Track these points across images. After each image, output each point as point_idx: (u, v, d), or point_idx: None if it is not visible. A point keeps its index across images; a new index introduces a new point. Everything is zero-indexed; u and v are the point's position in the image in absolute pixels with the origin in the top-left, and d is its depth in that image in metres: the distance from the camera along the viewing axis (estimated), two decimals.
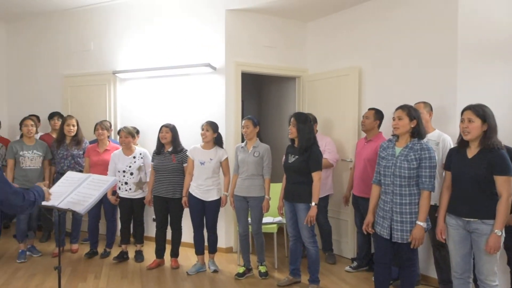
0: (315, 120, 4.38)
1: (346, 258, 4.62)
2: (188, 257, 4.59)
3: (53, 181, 4.53)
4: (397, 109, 2.99)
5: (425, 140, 2.98)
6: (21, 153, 4.38)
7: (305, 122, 3.58)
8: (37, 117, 5.54)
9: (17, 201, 1.90)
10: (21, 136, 4.61)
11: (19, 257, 4.42)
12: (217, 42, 4.81)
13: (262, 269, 4.05)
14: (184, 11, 5.00)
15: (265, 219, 4.25)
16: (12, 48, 6.40)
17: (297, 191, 3.60)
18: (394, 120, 2.97)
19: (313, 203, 3.50)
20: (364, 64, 4.54)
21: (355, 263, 4.26)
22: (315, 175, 3.52)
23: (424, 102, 3.59)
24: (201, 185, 4.01)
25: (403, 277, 3.05)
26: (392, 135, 3.06)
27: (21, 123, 4.55)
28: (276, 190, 4.07)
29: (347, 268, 4.25)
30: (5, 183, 1.89)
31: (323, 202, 4.34)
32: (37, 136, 4.96)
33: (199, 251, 4.19)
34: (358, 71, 4.55)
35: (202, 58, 4.83)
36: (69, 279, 3.94)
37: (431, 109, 3.59)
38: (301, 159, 3.56)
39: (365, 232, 3.20)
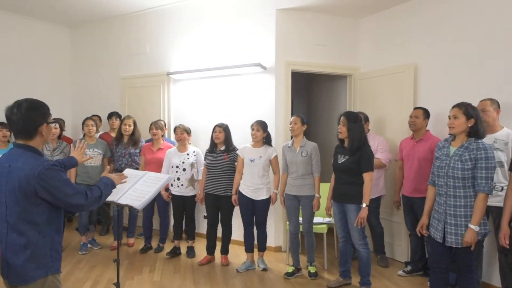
0: (366, 119, 4.29)
1: (399, 261, 4.47)
2: (237, 255, 4.66)
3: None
4: (453, 107, 2.83)
5: (491, 139, 2.80)
6: None
7: (356, 121, 3.51)
8: (99, 117, 5.88)
9: (80, 201, 1.93)
10: (84, 135, 4.89)
11: (81, 249, 4.71)
12: (268, 42, 4.83)
13: (312, 269, 4.02)
14: (234, 12, 5.08)
15: (315, 219, 4.21)
16: (75, 53, 6.86)
17: (347, 191, 3.54)
18: (449, 119, 2.82)
19: (364, 204, 3.42)
20: (420, 61, 4.36)
21: (408, 267, 4.11)
22: (366, 176, 3.44)
23: (491, 99, 3.36)
24: (251, 183, 4.06)
25: (461, 284, 2.89)
26: (449, 135, 2.92)
27: (83, 123, 4.85)
28: (325, 190, 4.02)
29: (400, 272, 4.11)
30: (67, 185, 1.90)
31: (375, 203, 4.23)
32: (97, 135, 5.25)
33: (249, 249, 4.24)
34: (414, 68, 4.37)
35: (253, 58, 4.88)
36: (126, 271, 4.14)
37: (499, 106, 3.35)
38: (352, 159, 3.49)
39: (419, 234, 3.08)
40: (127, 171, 3.06)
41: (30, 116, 1.90)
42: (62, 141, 4.81)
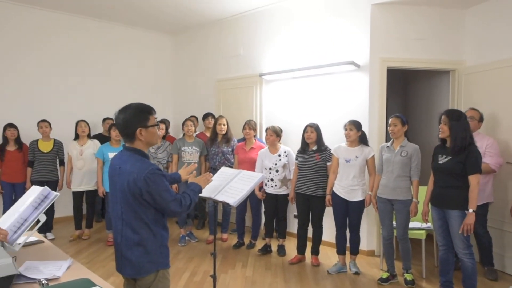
0: (481, 118, 3.94)
1: (510, 275, 4.01)
2: (328, 256, 4.60)
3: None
4: None
5: None
6: (182, 149, 4.99)
7: (459, 120, 3.22)
8: (196, 118, 6.25)
9: (175, 207, 2.04)
10: (183, 134, 5.23)
11: (180, 241, 5.05)
12: (361, 39, 4.68)
13: (408, 277, 3.80)
14: (326, 10, 5.02)
15: (412, 224, 3.98)
16: (176, 58, 7.41)
17: (449, 196, 3.26)
18: None
19: (470, 210, 3.13)
20: None
21: None
22: (473, 179, 3.14)
23: None
24: (346, 184, 3.97)
25: None
26: None
27: (183, 123, 5.19)
28: (422, 194, 3.76)
29: None
30: (167, 191, 2.01)
31: (481, 210, 3.83)
32: (194, 135, 5.57)
33: (341, 251, 4.16)
34: None
35: (345, 56, 4.77)
36: (221, 264, 4.34)
37: None
38: (456, 160, 3.21)
39: None
40: (223, 169, 3.20)
41: (127, 120, 2.02)
42: (166, 140, 5.21)
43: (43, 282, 1.67)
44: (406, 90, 6.69)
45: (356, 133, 3.96)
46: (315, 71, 5.04)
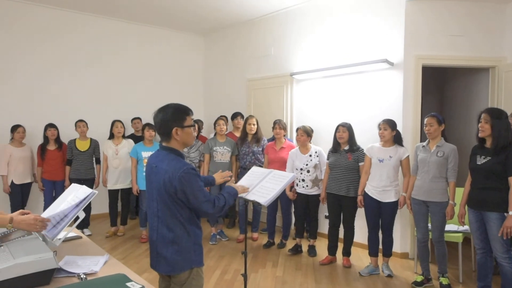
0: None
1: None
2: (360, 258, 4.53)
3: (238, 175, 5.08)
4: None
5: None
6: (214, 148, 5.05)
7: (500, 118, 3.09)
8: (226, 118, 6.29)
9: (208, 208, 2.06)
10: (215, 134, 5.29)
11: (211, 239, 5.11)
12: (395, 36, 4.58)
13: (444, 281, 3.68)
14: (358, 7, 4.93)
15: (448, 227, 3.85)
16: (207, 58, 7.51)
17: (488, 197, 3.14)
18: None
19: (510, 212, 3.00)
20: None
21: None
22: None
23: None
24: (378, 185, 3.90)
25: None
26: None
27: (215, 123, 5.24)
28: (458, 195, 3.63)
29: None
30: (200, 192, 2.02)
31: None
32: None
33: (373, 252, 4.08)
34: None
35: (378, 54, 4.68)
36: (251, 264, 4.36)
37: None
38: (495, 160, 3.08)
39: None
40: (254, 169, 3.21)
41: (165, 119, 2.06)
42: (198, 140, 5.30)
43: (81, 276, 1.73)
44: (442, 88, 6.49)
45: (391, 133, 3.88)
46: (347, 69, 4.97)
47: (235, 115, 5.97)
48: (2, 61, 5.61)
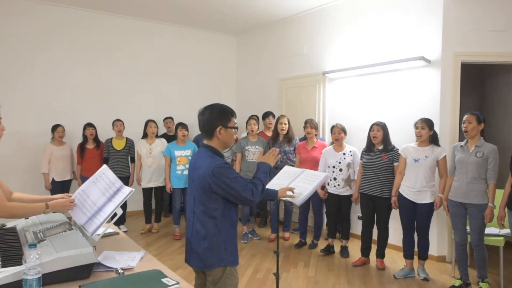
0: None
1: None
2: (394, 260, 4.43)
3: (269, 174, 5.07)
4: None
5: None
6: (246, 148, 5.07)
7: None
8: (257, 117, 6.30)
9: (248, 195, 2.07)
10: (247, 133, 5.31)
11: (243, 238, 5.14)
12: (432, 32, 4.44)
13: (484, 286, 3.54)
14: (393, 3, 4.82)
15: (488, 230, 3.70)
16: (240, 57, 7.57)
17: None
18: None
19: None
20: None
21: None
22: None
23: None
24: (413, 185, 3.79)
25: None
26: None
27: (247, 122, 5.26)
28: (498, 197, 3.48)
29: None
30: (236, 181, 2.04)
31: None
32: None
33: (408, 255, 3.98)
34: None
35: (414, 52, 4.55)
36: (283, 263, 4.34)
37: None
38: None
39: None
40: (286, 168, 3.20)
41: (211, 118, 2.12)
42: None
43: (119, 271, 1.78)
44: (482, 86, 6.23)
45: (428, 132, 3.76)
46: (382, 67, 4.87)
47: (266, 115, 5.95)
48: (43, 64, 5.86)
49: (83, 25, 6.15)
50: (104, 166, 2.37)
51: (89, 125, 5.53)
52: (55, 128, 5.42)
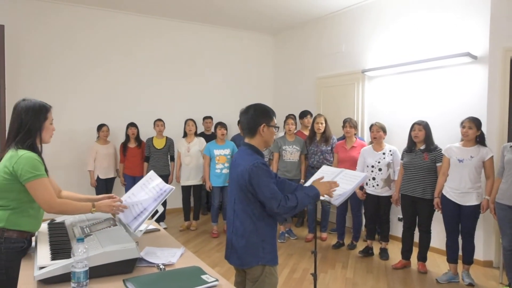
0: None
1: None
2: (437, 264, 4.28)
3: (306, 174, 5.05)
4: None
5: None
6: (283, 147, 5.06)
7: None
8: (294, 116, 6.28)
9: (272, 206, 2.02)
10: (285, 133, 5.30)
11: (280, 237, 5.13)
12: (479, 27, 4.24)
13: None
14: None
15: None
16: (277, 57, 7.57)
17: None
18: None
19: None
20: None
21: None
22: None
23: None
24: (458, 187, 3.65)
25: None
26: None
27: (284, 122, 5.25)
28: None
29: None
30: (267, 187, 2.01)
31: None
32: None
33: (452, 259, 3.83)
34: None
35: (460, 48, 4.37)
36: (320, 263, 4.31)
37: None
38: None
39: None
40: (324, 168, 3.16)
41: (253, 116, 2.16)
42: None
43: (160, 266, 1.83)
44: None
45: (475, 132, 3.60)
46: (424, 64, 4.71)
47: (304, 114, 5.91)
48: (90, 68, 6.12)
49: (129, 30, 6.37)
50: (151, 172, 2.43)
51: (131, 124, 5.72)
52: (100, 127, 5.65)
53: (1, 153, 2.00)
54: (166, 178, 5.62)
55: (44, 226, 2.20)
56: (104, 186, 5.65)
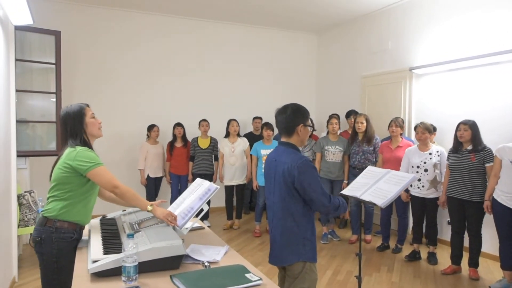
0: None
1: None
2: (490, 270, 4.07)
3: (348, 175, 4.96)
4: None
5: None
6: (326, 147, 5.01)
7: None
8: (338, 116, 6.19)
9: (324, 201, 2.08)
10: (327, 132, 5.24)
11: (323, 239, 5.09)
12: None
13: None
14: None
15: None
16: (321, 56, 7.51)
17: None
18: None
19: None
20: None
21: None
22: None
23: None
24: (510, 190, 3.43)
25: None
26: None
27: (327, 121, 5.19)
28: None
29: None
30: (317, 184, 2.08)
31: None
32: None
33: (507, 266, 3.61)
34: None
35: None
36: (365, 266, 4.22)
37: None
38: None
39: None
40: (370, 168, 3.10)
41: (291, 116, 2.18)
42: (312, 139, 5.34)
43: (205, 264, 1.88)
44: None
45: None
46: (477, 61, 4.49)
47: (349, 113, 5.82)
48: (144, 72, 6.37)
49: (181, 34, 6.58)
50: (198, 179, 2.50)
51: (178, 124, 5.89)
52: (151, 127, 5.86)
53: (59, 151, 2.19)
54: (210, 177, 5.73)
55: (96, 222, 2.33)
56: (153, 184, 5.86)
